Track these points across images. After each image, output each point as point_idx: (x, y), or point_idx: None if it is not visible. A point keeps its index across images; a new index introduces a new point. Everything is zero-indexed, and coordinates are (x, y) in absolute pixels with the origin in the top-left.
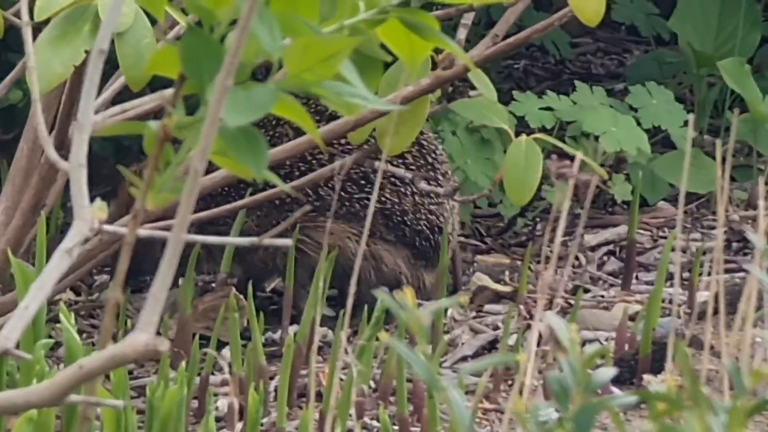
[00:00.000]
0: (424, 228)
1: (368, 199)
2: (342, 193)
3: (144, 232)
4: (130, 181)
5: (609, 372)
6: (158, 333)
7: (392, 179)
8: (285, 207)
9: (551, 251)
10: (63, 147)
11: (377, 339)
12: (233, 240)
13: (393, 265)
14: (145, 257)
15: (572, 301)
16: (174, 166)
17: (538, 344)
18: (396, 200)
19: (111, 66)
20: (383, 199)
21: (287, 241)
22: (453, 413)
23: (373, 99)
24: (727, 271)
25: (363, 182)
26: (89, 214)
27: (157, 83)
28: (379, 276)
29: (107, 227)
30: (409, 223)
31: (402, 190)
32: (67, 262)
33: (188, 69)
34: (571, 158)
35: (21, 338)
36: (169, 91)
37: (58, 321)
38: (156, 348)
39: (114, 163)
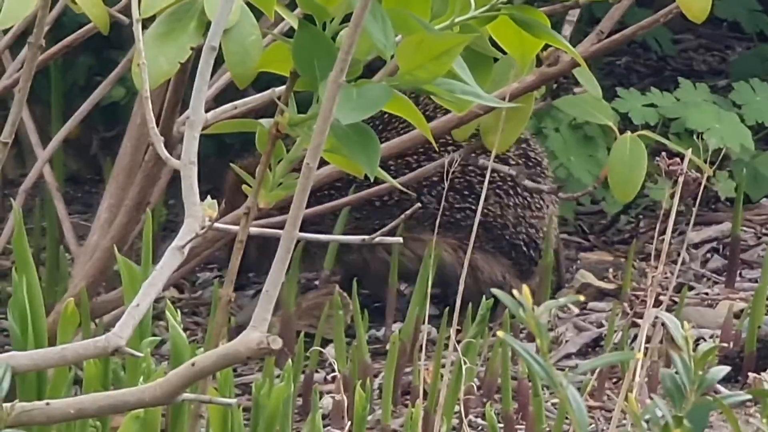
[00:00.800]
0: (522, 242)
1: (470, 209)
2: (444, 203)
3: (254, 230)
4: (239, 179)
5: (722, 370)
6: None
7: (497, 191)
8: (386, 210)
9: (657, 249)
10: (167, 144)
11: (481, 337)
12: (343, 238)
13: (490, 273)
14: (247, 255)
15: (676, 299)
16: (286, 163)
17: (647, 342)
18: (498, 212)
19: (214, 63)
20: (485, 210)
21: (397, 239)
22: (570, 412)
23: (486, 96)
24: None
25: (466, 192)
26: (200, 212)
27: (260, 81)
28: (476, 283)
29: (218, 225)
30: (508, 236)
31: (505, 201)
32: (178, 259)
33: (301, 66)
34: (679, 155)
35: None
36: (279, 89)
37: (160, 319)
38: (269, 346)
39: (215, 161)
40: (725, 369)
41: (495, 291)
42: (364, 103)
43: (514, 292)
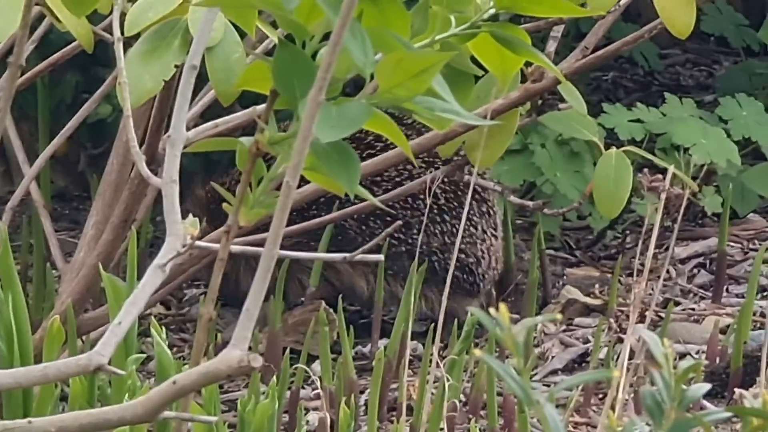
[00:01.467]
0: (455, 267)
1: (393, 237)
2: (363, 228)
3: (235, 248)
4: (220, 197)
5: (703, 388)
6: (249, 348)
7: (422, 218)
8: (354, 231)
9: (642, 264)
10: (153, 162)
11: (467, 353)
12: (323, 255)
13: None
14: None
15: (663, 314)
16: (267, 181)
17: (630, 358)
18: (424, 240)
19: (200, 80)
20: (410, 240)
21: (379, 257)
22: (547, 429)
23: (465, 114)
24: None
25: (389, 219)
26: (182, 230)
27: (246, 98)
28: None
29: (200, 243)
30: (436, 264)
31: (431, 229)
32: (160, 277)
33: (280, 84)
34: (662, 171)
35: (113, 353)
36: (261, 107)
37: (148, 335)
38: (250, 364)
39: (203, 177)
40: (707, 386)
41: (472, 309)
42: (344, 121)
43: (491, 310)
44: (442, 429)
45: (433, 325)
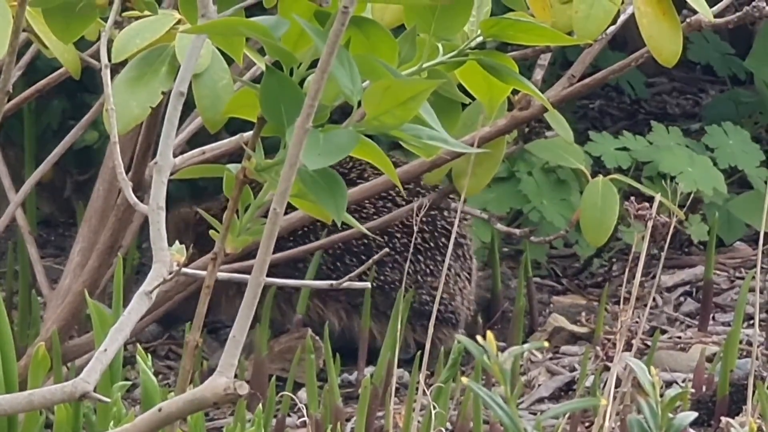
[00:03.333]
0: (427, 305)
1: (366, 274)
2: (338, 264)
3: (222, 274)
4: (179, 225)
5: (690, 416)
6: (235, 375)
7: (396, 257)
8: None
9: (628, 292)
10: (139, 188)
11: (454, 381)
12: (310, 283)
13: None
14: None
15: (649, 342)
16: (254, 208)
17: (616, 386)
18: (397, 277)
19: (186, 107)
20: (381, 276)
21: (366, 284)
22: None
23: (452, 142)
24: None
25: (364, 257)
26: (168, 257)
27: (233, 124)
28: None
29: (186, 270)
30: (410, 300)
31: (405, 266)
32: (146, 304)
33: (267, 111)
34: (649, 199)
35: (99, 380)
36: (248, 134)
37: (133, 362)
38: (236, 392)
39: (189, 203)
40: (693, 414)
41: (459, 337)
42: (331, 148)
43: (478, 338)
44: None
45: (419, 352)
